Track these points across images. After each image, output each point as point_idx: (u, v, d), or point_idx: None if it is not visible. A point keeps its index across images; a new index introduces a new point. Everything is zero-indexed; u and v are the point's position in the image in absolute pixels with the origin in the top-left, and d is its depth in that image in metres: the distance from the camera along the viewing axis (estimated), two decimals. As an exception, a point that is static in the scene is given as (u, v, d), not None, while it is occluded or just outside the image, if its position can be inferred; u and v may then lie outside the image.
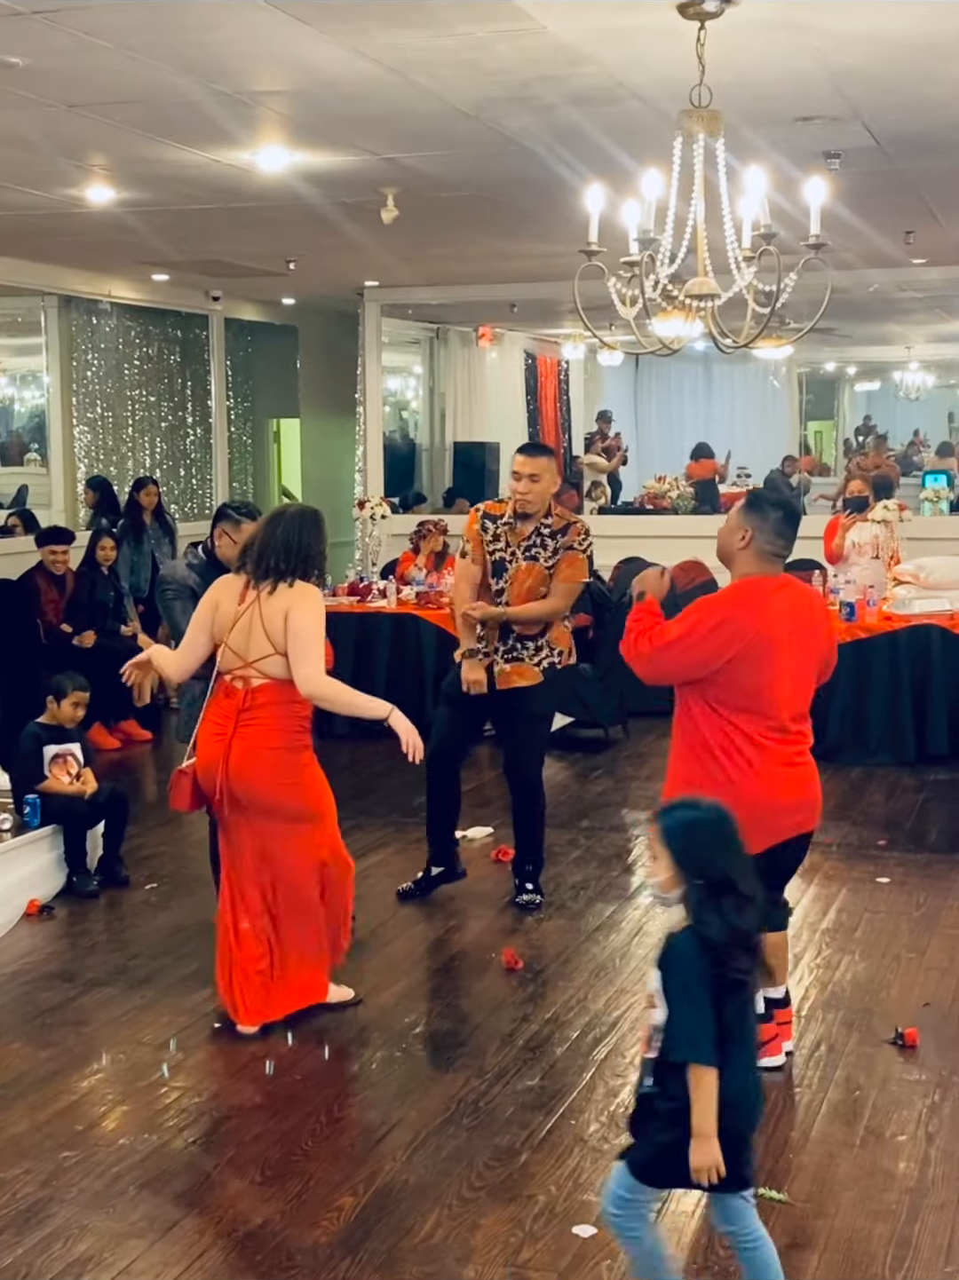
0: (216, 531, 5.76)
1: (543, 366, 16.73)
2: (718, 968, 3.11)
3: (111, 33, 4.85)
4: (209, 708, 5.01)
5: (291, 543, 4.87)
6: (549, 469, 6.10)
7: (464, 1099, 4.49)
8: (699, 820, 3.28)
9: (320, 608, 4.88)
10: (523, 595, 6.10)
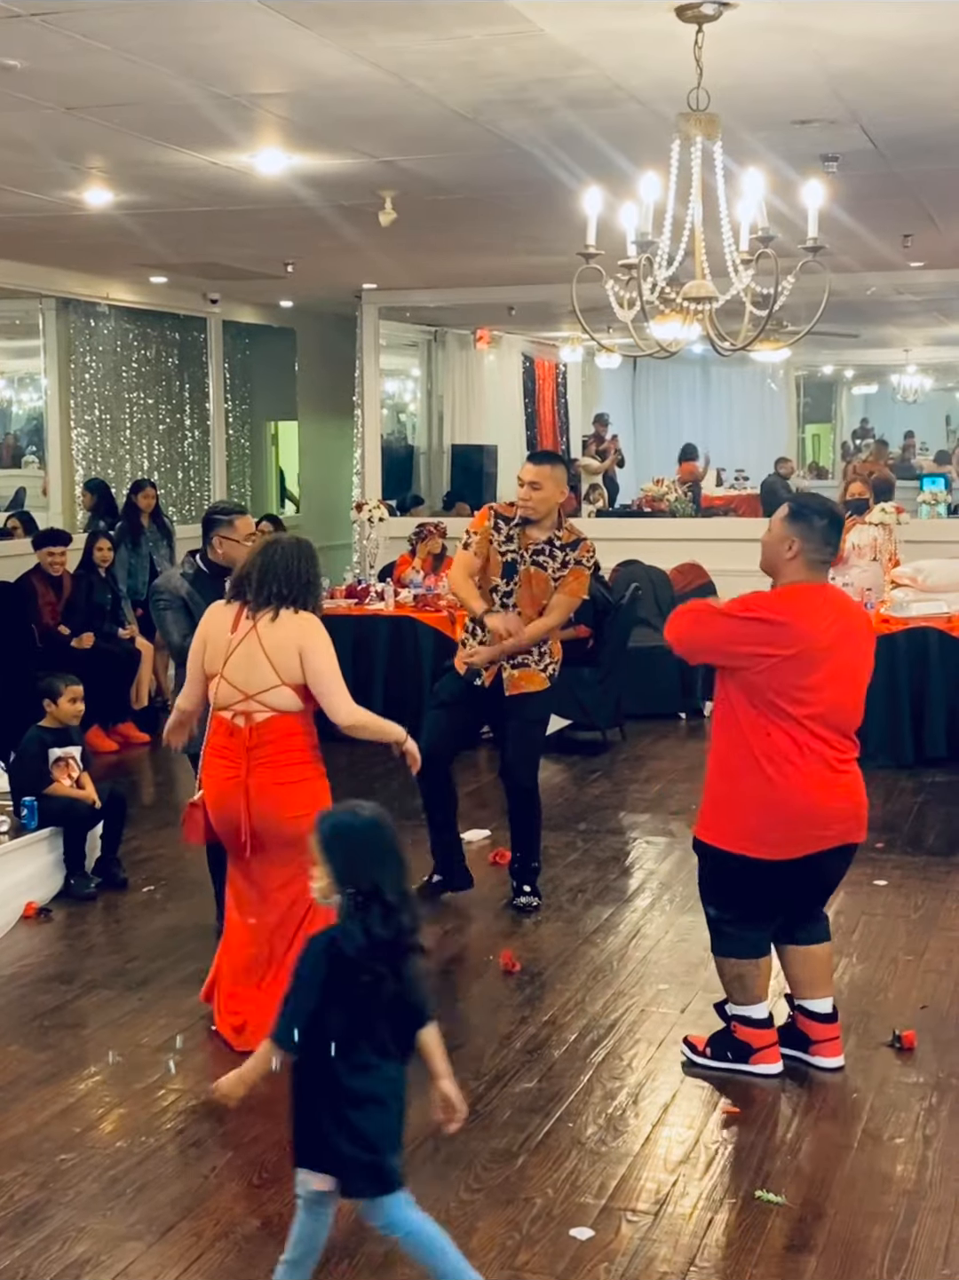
0: (215, 540, 5.75)
1: (541, 369, 16.74)
2: (350, 975, 3.16)
3: (110, 35, 4.85)
4: (210, 747, 4.88)
5: (293, 569, 4.77)
6: (553, 477, 6.11)
7: (462, 1101, 4.48)
8: (352, 828, 3.29)
9: (328, 639, 4.79)
10: (530, 601, 6.12)
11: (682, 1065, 4.74)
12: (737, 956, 4.60)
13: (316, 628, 4.75)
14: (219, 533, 5.74)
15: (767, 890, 4.55)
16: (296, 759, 4.78)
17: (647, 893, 6.55)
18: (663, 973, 5.56)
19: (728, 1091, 4.54)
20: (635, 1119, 4.39)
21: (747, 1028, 4.63)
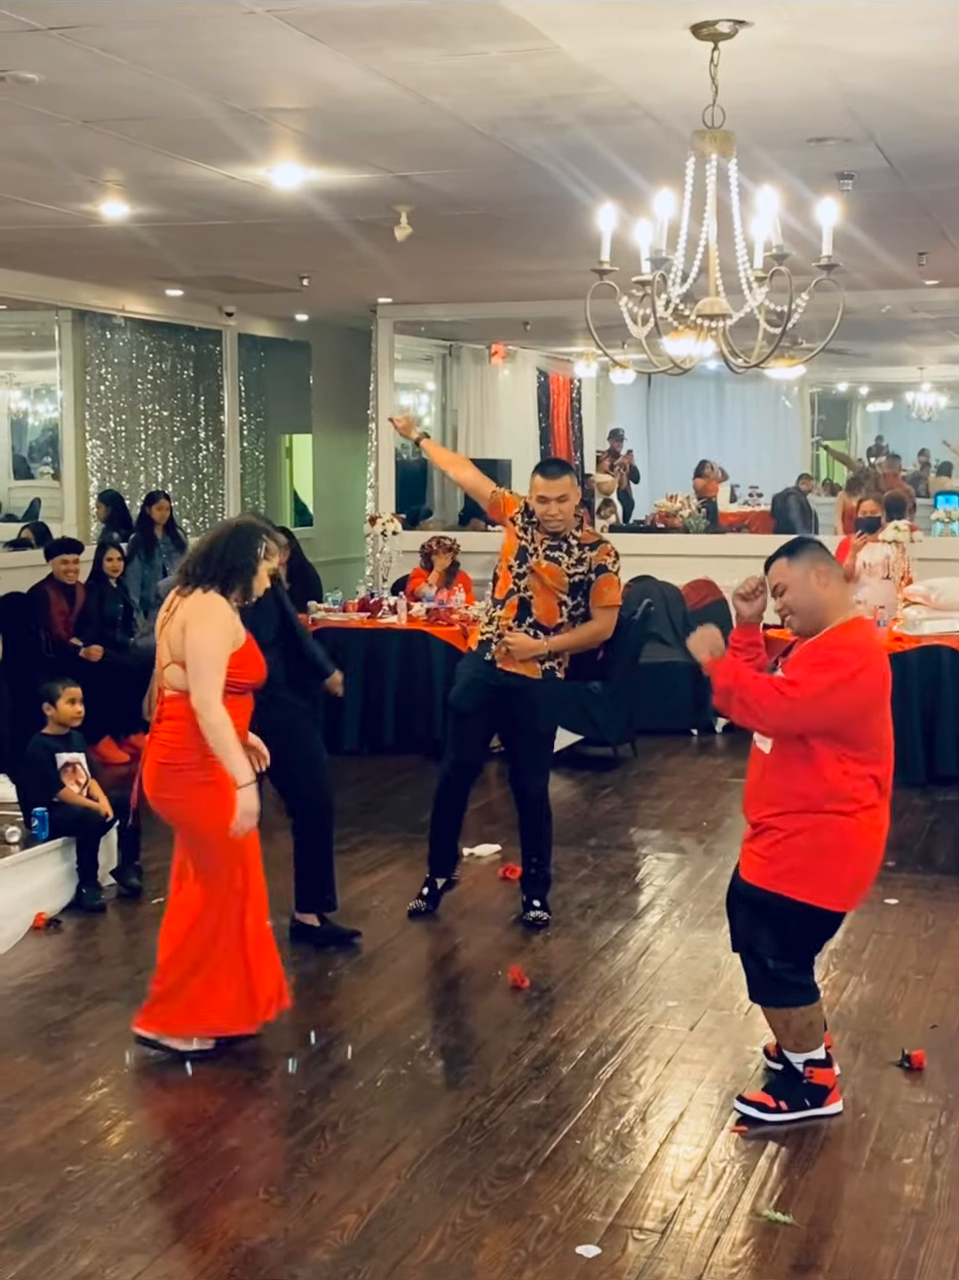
0: None
1: (555, 384, 16.75)
2: None
3: (127, 49, 4.87)
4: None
5: (214, 552, 4.81)
6: (572, 486, 6.15)
7: (469, 1117, 4.48)
8: None
9: (219, 623, 4.73)
10: (543, 591, 6.10)
11: (721, 1094, 4.72)
12: (804, 1005, 4.42)
13: (208, 608, 4.73)
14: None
15: (827, 936, 4.52)
16: (181, 741, 4.73)
17: (657, 909, 6.54)
18: (672, 990, 5.55)
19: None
20: (643, 1136, 4.38)
21: (822, 1069, 4.49)
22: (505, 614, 6.14)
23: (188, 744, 4.73)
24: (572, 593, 6.11)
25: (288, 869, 6.08)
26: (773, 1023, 4.52)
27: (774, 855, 4.33)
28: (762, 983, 4.47)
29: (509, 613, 6.13)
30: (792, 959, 4.42)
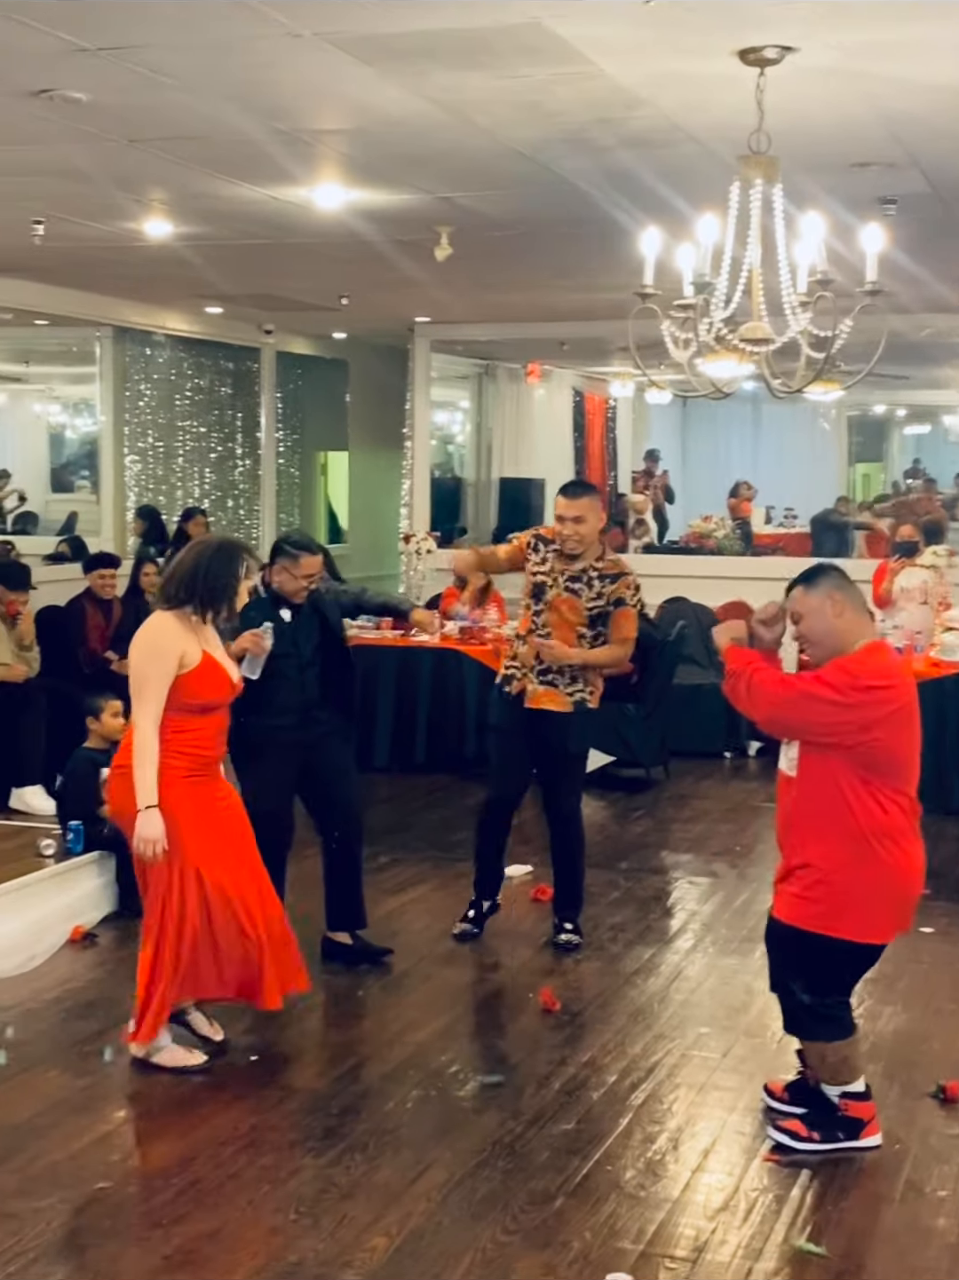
0: (275, 568, 5.77)
1: (591, 404, 16.75)
2: None
3: (174, 70, 4.91)
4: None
5: (198, 571, 4.82)
6: (593, 508, 6.07)
7: (500, 1141, 4.46)
8: None
9: (157, 645, 4.76)
10: (561, 625, 6.07)
11: (762, 1116, 4.69)
12: (841, 1039, 4.38)
13: (153, 631, 4.79)
14: (281, 563, 5.77)
15: (868, 968, 4.49)
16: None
17: (688, 934, 6.51)
18: (704, 1016, 5.52)
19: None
20: (675, 1164, 4.35)
21: (858, 1103, 4.44)
22: (526, 652, 6.14)
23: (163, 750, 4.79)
24: (590, 624, 6.08)
25: (318, 887, 6.08)
26: (809, 1055, 4.49)
27: (816, 895, 4.28)
28: (799, 1016, 4.44)
29: (530, 651, 6.13)
30: (831, 993, 4.39)
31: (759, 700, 4.27)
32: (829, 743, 4.20)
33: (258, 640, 5.61)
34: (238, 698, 5.08)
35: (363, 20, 4.33)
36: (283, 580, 5.76)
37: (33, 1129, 4.51)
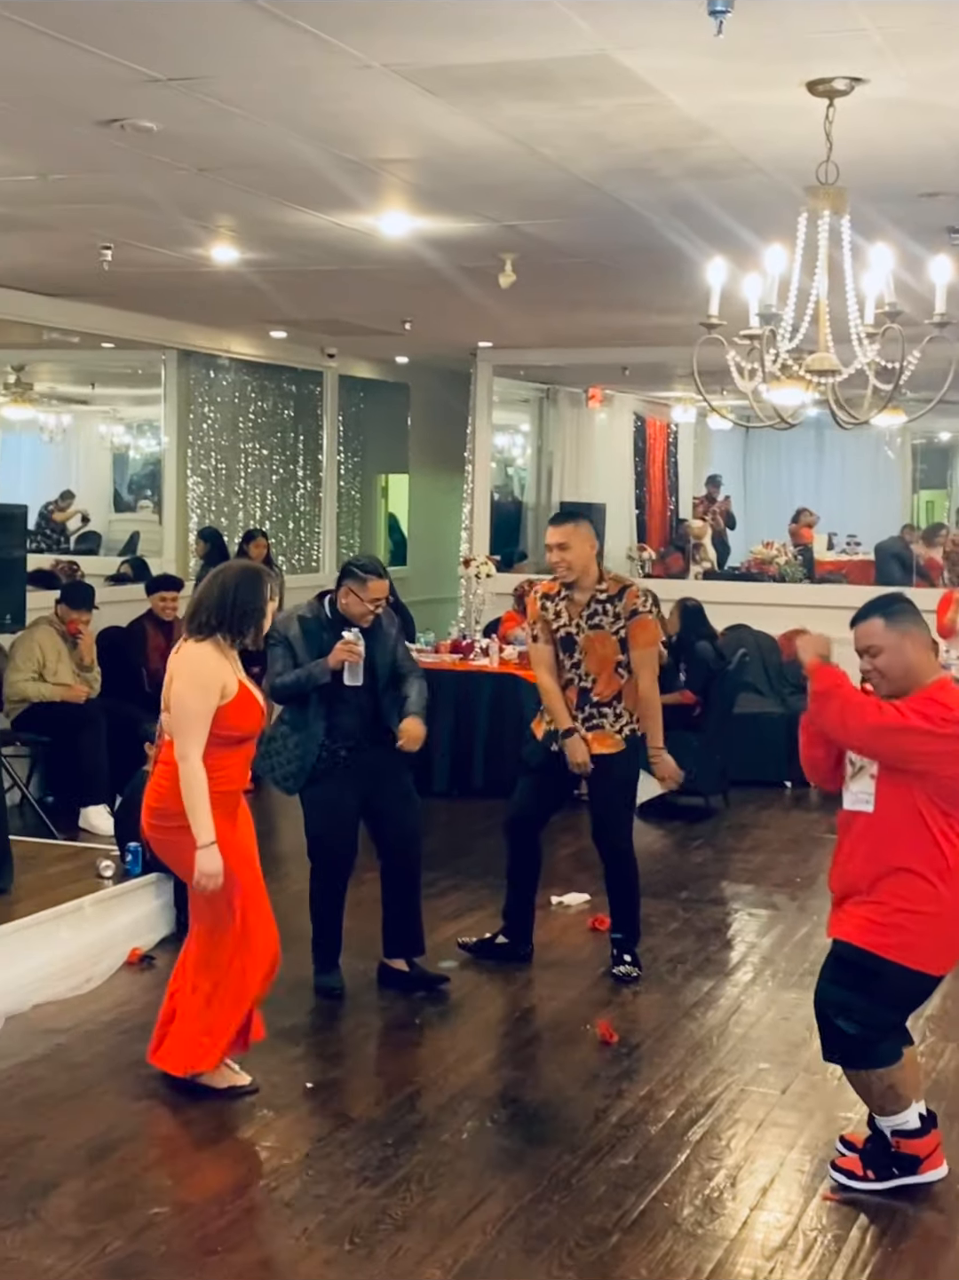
0: (343, 590, 5.79)
1: (652, 429, 16.72)
2: None
3: (243, 101, 4.95)
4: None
5: (226, 598, 4.81)
6: (577, 534, 6.07)
7: (556, 1175, 4.43)
8: None
9: (201, 676, 4.74)
10: (599, 664, 6.08)
11: (828, 1161, 4.64)
12: (887, 1065, 4.30)
13: (190, 659, 4.78)
14: (349, 585, 5.79)
15: (927, 998, 4.45)
16: (171, 788, 4.77)
17: (748, 967, 6.46)
18: (764, 1051, 5.47)
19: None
20: (733, 1201, 4.31)
21: (912, 1139, 4.36)
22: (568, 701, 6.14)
23: (170, 791, 4.78)
24: (624, 649, 6.08)
25: (375, 912, 6.08)
26: (855, 1085, 4.41)
27: (897, 922, 4.20)
28: (841, 1045, 4.34)
29: (572, 698, 6.13)
30: (890, 1023, 4.32)
31: (853, 725, 4.19)
32: (922, 771, 4.16)
33: (352, 647, 5.69)
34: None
35: (432, 52, 4.35)
36: (350, 603, 5.78)
37: (89, 1152, 4.53)
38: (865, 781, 4.28)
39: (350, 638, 5.70)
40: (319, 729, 5.82)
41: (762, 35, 4.11)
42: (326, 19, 4.08)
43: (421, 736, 5.87)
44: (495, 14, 4.00)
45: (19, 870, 6.68)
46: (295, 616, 5.91)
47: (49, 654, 8.75)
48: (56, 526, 14.13)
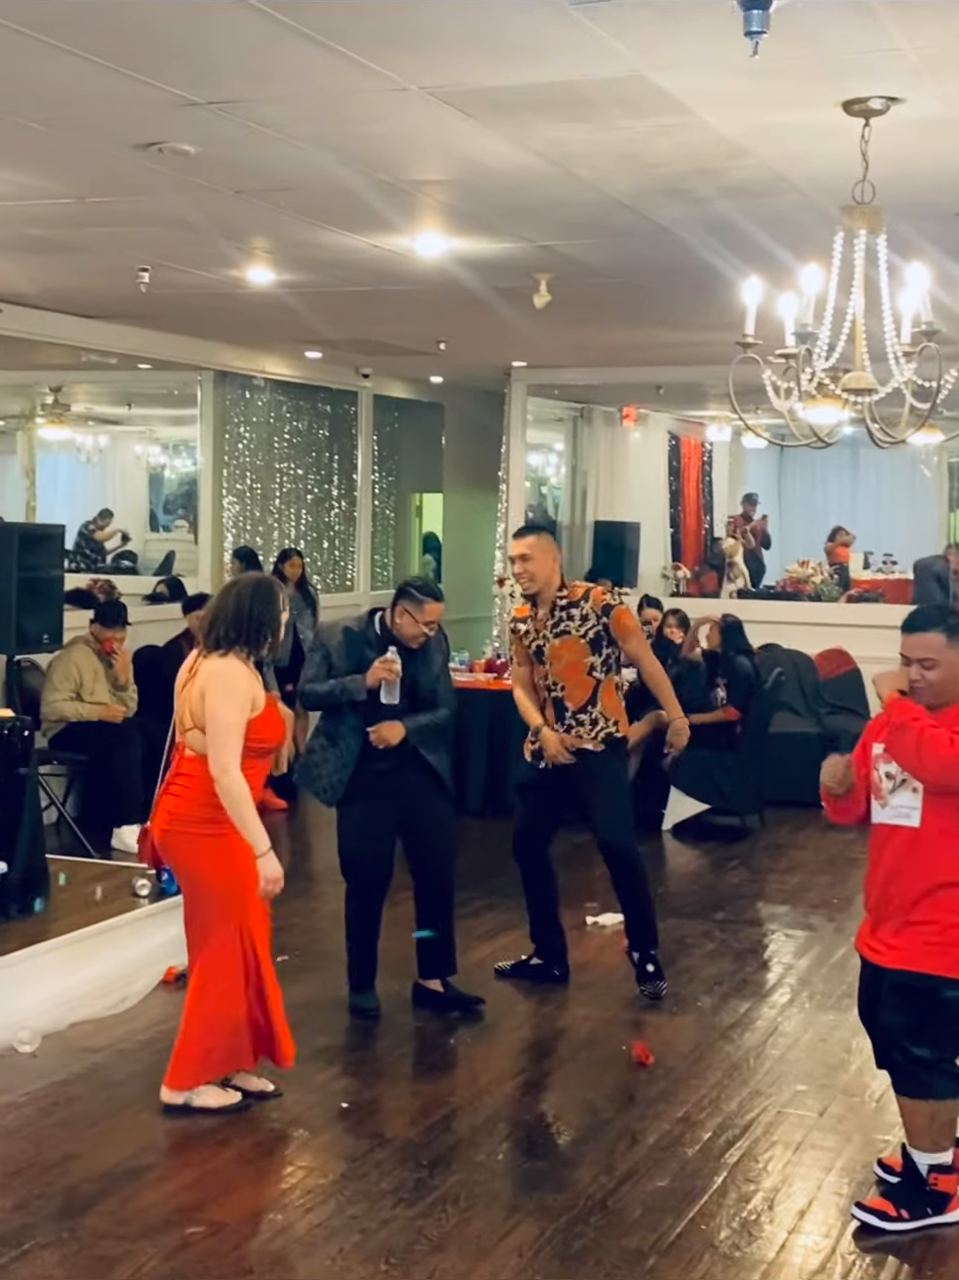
0: (398, 609, 5.80)
1: (686, 447, 16.70)
2: None
3: (280, 123, 4.98)
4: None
5: (243, 611, 4.86)
6: (539, 545, 6.15)
7: (592, 1196, 4.42)
8: None
9: (236, 689, 4.79)
10: (571, 669, 6.14)
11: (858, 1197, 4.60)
12: (955, 1097, 4.25)
13: (225, 674, 4.80)
14: (404, 605, 5.80)
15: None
16: (202, 800, 4.82)
17: (785, 988, 6.42)
18: (801, 1073, 5.44)
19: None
20: (770, 1224, 4.28)
21: (947, 1175, 4.31)
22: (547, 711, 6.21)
23: (198, 801, 4.84)
24: (595, 649, 6.12)
25: (410, 932, 6.07)
26: (915, 1118, 4.30)
27: (947, 940, 4.15)
28: (913, 1075, 4.25)
29: (550, 713, 6.20)
30: (952, 1047, 4.26)
31: (929, 760, 4.12)
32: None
33: (390, 666, 5.73)
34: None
35: (468, 74, 4.37)
36: (404, 623, 5.79)
37: (125, 1171, 4.54)
38: (907, 796, 4.24)
39: (390, 657, 5.71)
40: (355, 743, 5.83)
41: (797, 55, 4.11)
42: (363, 42, 4.10)
43: (391, 739, 5.79)
44: (531, 36, 4.01)
45: (55, 889, 6.71)
46: (341, 627, 5.93)
47: (85, 673, 8.79)
48: (95, 545, 14.24)
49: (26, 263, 7.59)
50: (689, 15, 3.80)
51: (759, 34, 3.63)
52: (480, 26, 3.96)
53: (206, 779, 4.79)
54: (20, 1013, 5.62)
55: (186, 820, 4.87)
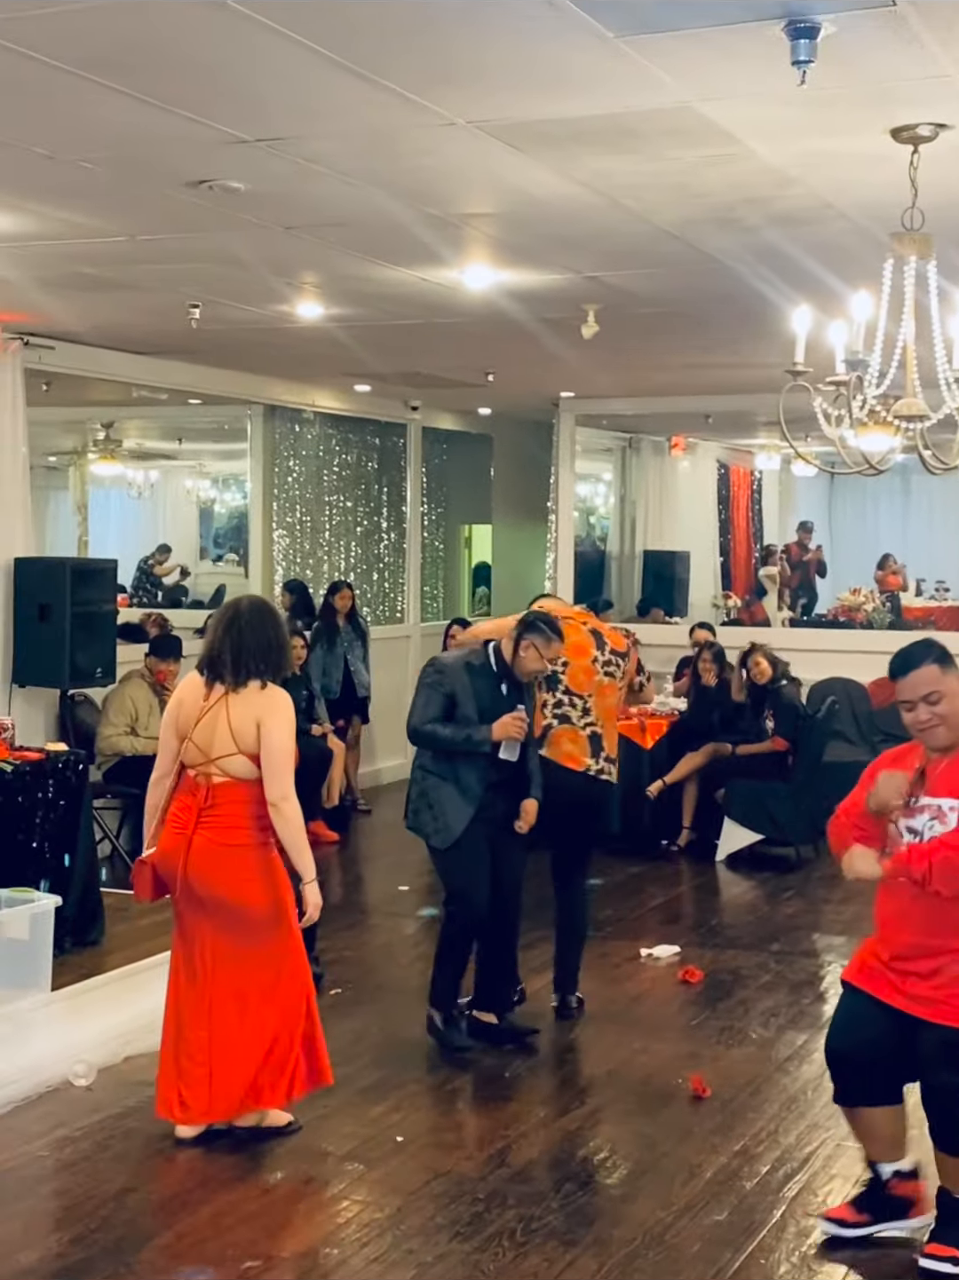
0: (524, 643, 5.74)
1: (735, 476, 16.67)
2: None
3: (329, 160, 5.02)
4: (174, 799, 5.05)
5: (263, 641, 4.95)
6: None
7: (650, 1230, 4.38)
8: None
9: (290, 718, 4.94)
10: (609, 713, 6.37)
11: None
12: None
13: (279, 704, 4.93)
14: (533, 639, 5.76)
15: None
16: (242, 824, 4.92)
17: (842, 1019, 6.35)
18: (860, 1106, 5.37)
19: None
20: (830, 1259, 4.23)
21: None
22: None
23: (240, 826, 4.91)
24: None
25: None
26: (944, 1167, 4.20)
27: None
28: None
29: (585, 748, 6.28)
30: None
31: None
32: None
33: (521, 725, 5.70)
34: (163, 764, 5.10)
35: (515, 108, 4.39)
36: (528, 658, 5.76)
37: (181, 1205, 4.54)
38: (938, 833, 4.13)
39: (521, 714, 5.70)
40: (480, 791, 5.77)
41: (845, 84, 4.11)
42: (411, 77, 4.13)
43: (533, 821, 5.91)
44: (577, 68, 4.03)
45: (109, 922, 6.74)
46: (463, 665, 5.81)
47: (141, 707, 8.84)
48: (154, 580, 14.33)
49: (79, 300, 7.68)
50: (736, 45, 3.81)
51: (807, 63, 3.64)
52: (527, 60, 3.98)
53: (247, 803, 4.89)
54: (76, 1046, 5.64)
55: (232, 846, 4.90)
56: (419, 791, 5.88)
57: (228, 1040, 4.94)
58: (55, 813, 6.52)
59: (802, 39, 3.59)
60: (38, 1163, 4.86)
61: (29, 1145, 4.97)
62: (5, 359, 8.38)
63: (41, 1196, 4.67)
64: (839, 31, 3.63)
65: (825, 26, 3.59)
